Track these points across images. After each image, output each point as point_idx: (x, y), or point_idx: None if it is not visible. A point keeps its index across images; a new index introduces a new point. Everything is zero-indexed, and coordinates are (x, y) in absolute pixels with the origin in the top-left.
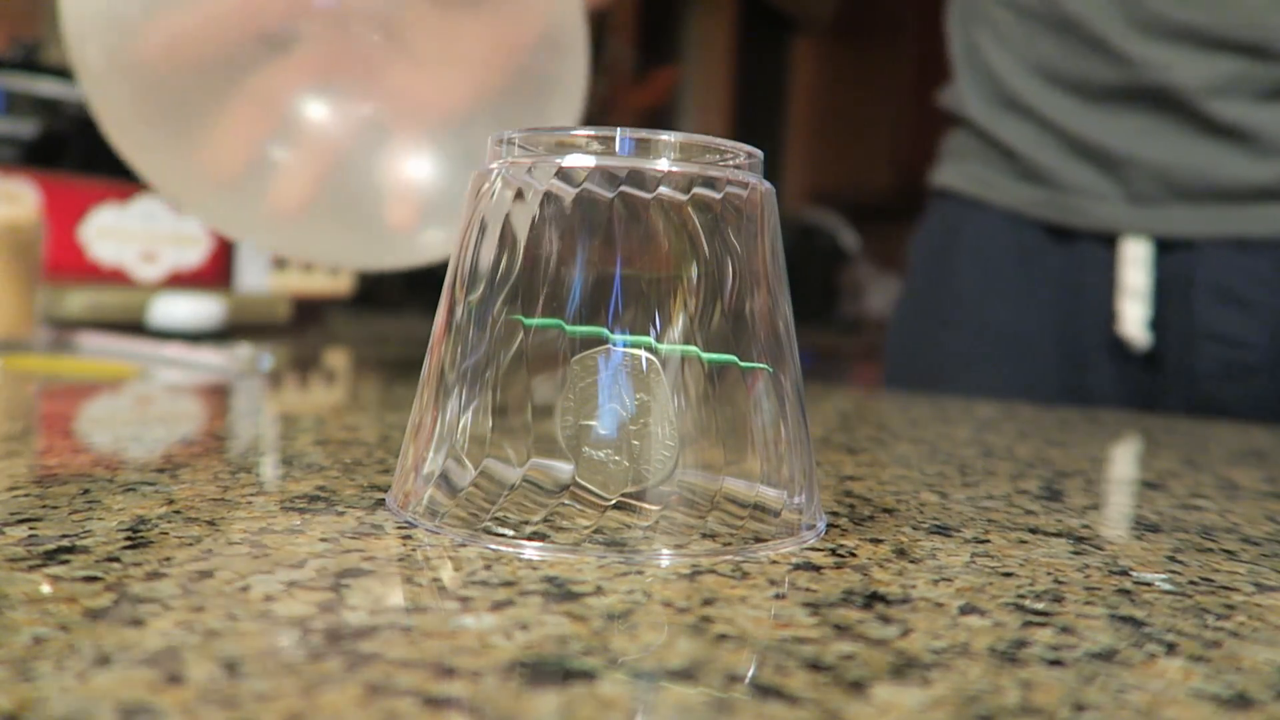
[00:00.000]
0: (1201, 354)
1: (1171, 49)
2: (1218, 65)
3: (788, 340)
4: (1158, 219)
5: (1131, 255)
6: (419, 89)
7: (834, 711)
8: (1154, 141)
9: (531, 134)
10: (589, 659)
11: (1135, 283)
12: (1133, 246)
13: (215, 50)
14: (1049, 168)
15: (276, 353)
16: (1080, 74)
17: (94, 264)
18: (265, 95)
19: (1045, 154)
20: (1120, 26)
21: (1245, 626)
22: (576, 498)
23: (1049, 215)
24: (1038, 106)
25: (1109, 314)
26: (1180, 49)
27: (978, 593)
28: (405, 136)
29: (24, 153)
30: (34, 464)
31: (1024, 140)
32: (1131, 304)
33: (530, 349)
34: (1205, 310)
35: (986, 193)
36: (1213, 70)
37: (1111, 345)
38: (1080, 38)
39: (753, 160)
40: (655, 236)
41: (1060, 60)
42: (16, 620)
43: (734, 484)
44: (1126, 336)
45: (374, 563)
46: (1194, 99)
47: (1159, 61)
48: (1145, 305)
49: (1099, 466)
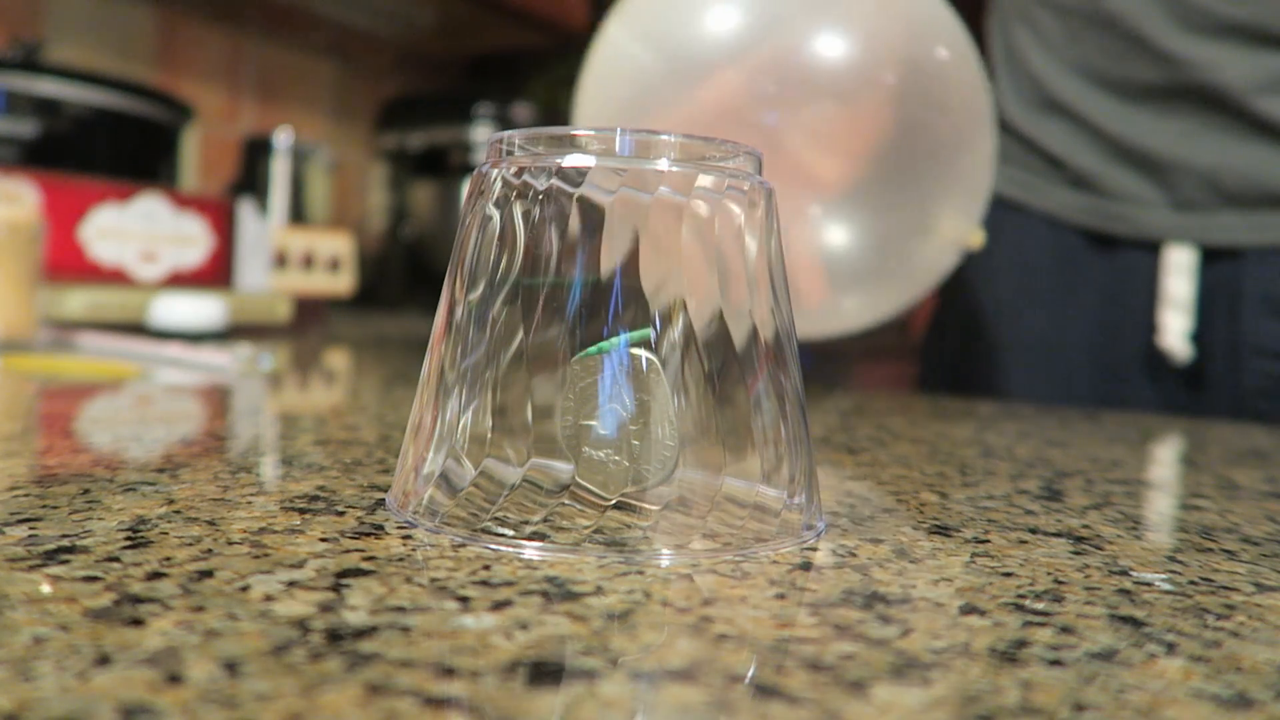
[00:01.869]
0: (1248, 368)
1: (1218, 46)
2: (1266, 62)
3: (788, 340)
4: (1204, 226)
5: (1175, 264)
6: (821, 170)
7: (834, 711)
8: (1201, 144)
9: (532, 134)
10: (589, 659)
11: (1178, 293)
12: (1176, 254)
13: None
14: (1091, 172)
15: (276, 353)
16: (1123, 74)
17: (94, 264)
18: None
19: (1087, 158)
20: (1164, 24)
21: (1245, 626)
22: (576, 498)
23: (1091, 222)
24: (1080, 108)
25: (1149, 325)
26: (1227, 46)
27: (978, 593)
28: (808, 216)
29: (24, 153)
30: (34, 464)
31: (1065, 144)
32: (1173, 315)
33: (530, 349)
34: (1252, 323)
35: (1027, 197)
36: (1261, 67)
37: (1151, 358)
38: (1123, 37)
39: (753, 160)
40: (655, 236)
41: (1103, 60)
42: (16, 620)
43: (734, 484)
44: (1167, 349)
45: (374, 563)
46: (1242, 98)
47: (1205, 60)
48: (1188, 317)
49: (1099, 466)
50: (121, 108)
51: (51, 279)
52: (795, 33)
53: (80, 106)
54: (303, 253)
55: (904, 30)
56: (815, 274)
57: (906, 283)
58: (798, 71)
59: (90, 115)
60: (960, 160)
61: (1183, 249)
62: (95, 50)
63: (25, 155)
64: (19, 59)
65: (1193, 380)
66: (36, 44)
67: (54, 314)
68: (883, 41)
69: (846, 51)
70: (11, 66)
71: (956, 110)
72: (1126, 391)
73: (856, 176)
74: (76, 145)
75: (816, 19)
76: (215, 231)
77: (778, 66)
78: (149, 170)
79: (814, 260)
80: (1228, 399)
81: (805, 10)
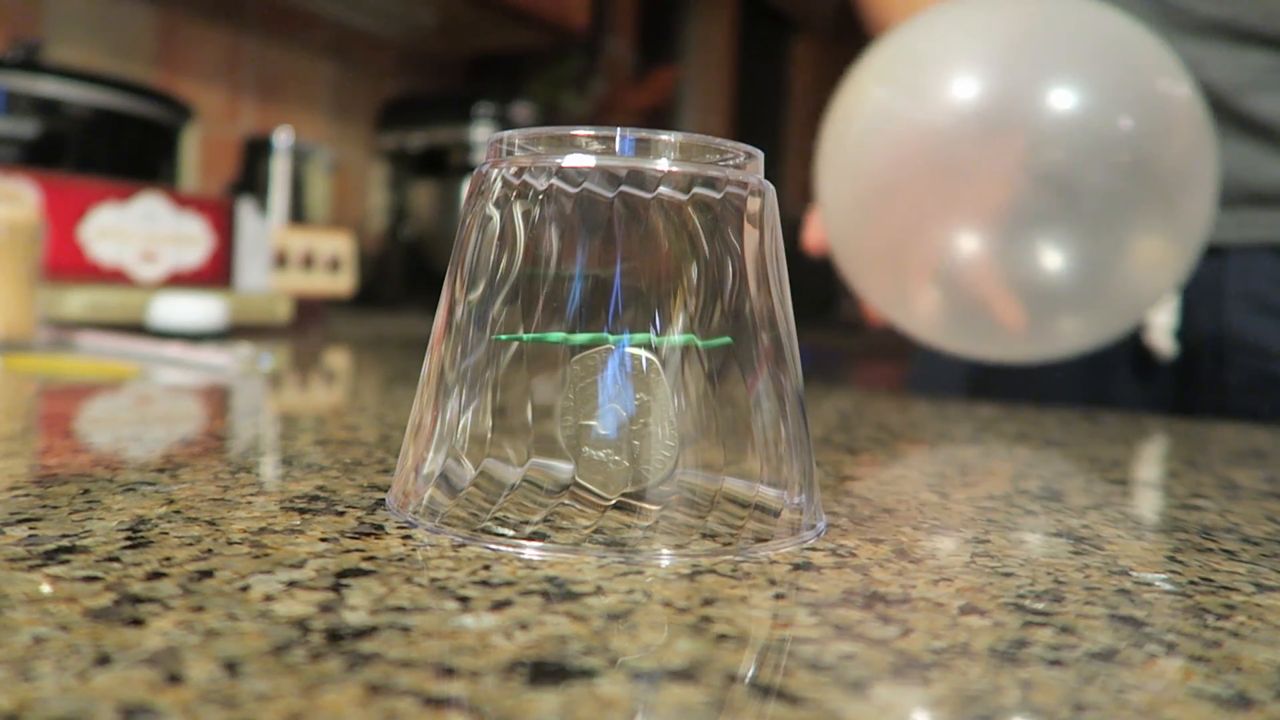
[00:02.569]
0: (1233, 365)
1: (1201, 45)
2: (1250, 60)
3: (788, 340)
4: None
5: None
6: (1021, 200)
7: (834, 711)
8: None
9: (532, 134)
10: (589, 659)
11: None
12: None
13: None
14: None
15: (276, 353)
16: None
17: (94, 264)
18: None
19: None
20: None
21: (1245, 626)
22: (576, 498)
23: None
24: None
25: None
26: (1210, 45)
27: (978, 593)
28: (1002, 244)
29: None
30: (34, 464)
31: None
32: (1159, 312)
33: (530, 349)
34: (1236, 319)
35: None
36: (1244, 65)
37: (1137, 355)
38: None
39: (753, 160)
40: (655, 236)
41: None
42: (16, 620)
43: (734, 484)
44: (1152, 346)
45: (374, 563)
46: (1226, 96)
47: (1189, 58)
48: (1172, 314)
49: (1099, 466)
50: (121, 108)
51: (51, 279)
52: (1030, 84)
53: (80, 106)
54: (303, 253)
55: (1134, 75)
56: (1009, 300)
57: (1119, 312)
58: (1030, 121)
59: (90, 115)
60: (1180, 199)
61: None
62: (95, 50)
63: (25, 155)
64: (19, 59)
65: (1178, 377)
66: (36, 44)
67: (54, 314)
68: (1114, 87)
69: (1081, 103)
70: (11, 66)
71: (1181, 150)
72: (1115, 388)
73: (1065, 208)
74: (76, 145)
75: (1048, 69)
76: (215, 231)
77: (1012, 117)
78: (149, 170)
79: (1005, 287)
80: (1213, 395)
81: (1038, 62)
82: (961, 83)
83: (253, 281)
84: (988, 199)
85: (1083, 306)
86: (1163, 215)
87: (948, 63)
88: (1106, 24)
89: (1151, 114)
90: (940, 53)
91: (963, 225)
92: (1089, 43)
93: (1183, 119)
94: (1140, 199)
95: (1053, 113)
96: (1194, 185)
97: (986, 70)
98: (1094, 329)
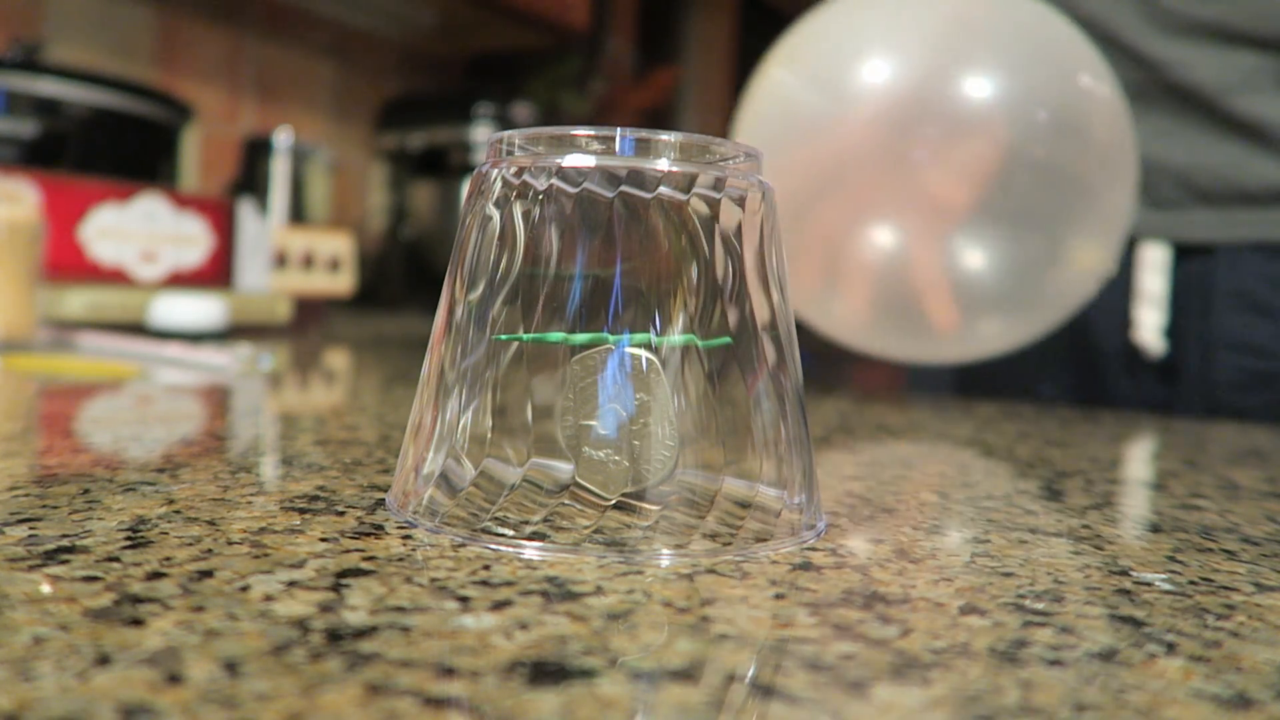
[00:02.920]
0: (1221, 363)
1: (1190, 46)
2: (1238, 60)
3: (788, 340)
4: (1177, 223)
5: (1149, 261)
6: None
7: (834, 711)
8: (1174, 143)
9: (532, 134)
10: (589, 659)
11: (1152, 289)
12: (1151, 252)
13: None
14: None
15: (276, 353)
16: None
17: (94, 264)
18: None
19: None
20: (1137, 25)
21: (1245, 626)
22: (576, 498)
23: None
24: None
25: (1125, 321)
26: (1199, 46)
27: (978, 593)
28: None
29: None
30: (34, 464)
31: None
32: (1148, 310)
33: (530, 349)
34: (1225, 318)
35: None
36: (1232, 66)
37: (1128, 353)
38: (1099, 38)
39: (753, 160)
40: (655, 236)
41: None
42: (16, 620)
43: (734, 484)
44: (1142, 344)
45: (374, 563)
46: (1214, 96)
47: (1177, 59)
48: (1162, 312)
49: (1099, 466)
50: (121, 108)
51: (51, 279)
52: (948, 75)
53: (80, 106)
54: (303, 253)
55: (1053, 69)
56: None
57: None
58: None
59: (90, 115)
60: (1101, 195)
61: (1157, 246)
62: (95, 50)
63: (25, 155)
64: (19, 59)
65: (1167, 374)
66: (36, 44)
67: (54, 314)
68: (1032, 80)
69: (997, 92)
70: (11, 66)
71: (1100, 145)
72: (1104, 386)
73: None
74: (76, 145)
75: (967, 60)
76: (215, 231)
77: (929, 107)
78: (149, 170)
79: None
80: (1200, 392)
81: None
82: (871, 74)
83: (253, 281)
84: (900, 194)
85: (1003, 305)
86: (1083, 213)
87: (858, 52)
88: (1025, 18)
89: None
90: (850, 42)
91: (875, 221)
92: (1007, 37)
93: (1102, 117)
94: (1059, 196)
95: (967, 107)
96: (1114, 184)
97: (898, 61)
98: (1017, 328)
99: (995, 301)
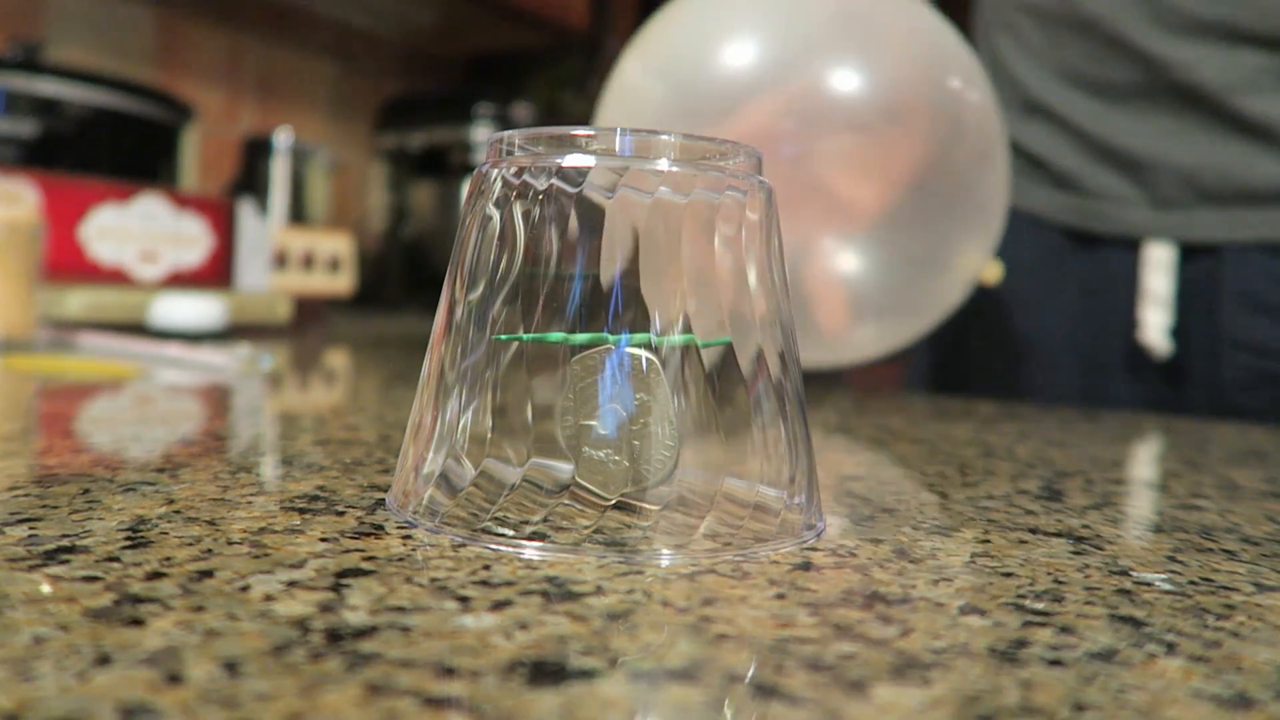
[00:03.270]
0: (1227, 363)
1: (1194, 45)
2: (1242, 59)
3: (788, 340)
4: (1182, 223)
5: (1155, 260)
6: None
7: (834, 711)
8: (1179, 142)
9: (532, 134)
10: (589, 659)
11: (1158, 289)
12: (1156, 251)
13: None
14: (1072, 172)
15: (276, 353)
16: (1103, 75)
17: (94, 264)
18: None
19: (1068, 158)
20: (1142, 25)
21: (1245, 626)
22: (576, 498)
23: (1072, 220)
24: (1060, 110)
25: (1130, 321)
26: (1203, 45)
27: (978, 593)
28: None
29: (24, 153)
30: (34, 464)
31: (1047, 145)
32: (1153, 311)
33: (530, 349)
34: (1231, 318)
35: (1010, 197)
36: (1237, 65)
37: (1133, 354)
38: (1102, 38)
39: (753, 160)
40: (655, 236)
41: (1082, 62)
42: (16, 620)
43: (734, 484)
44: (1147, 344)
45: (374, 563)
46: (1219, 96)
47: (1182, 59)
48: (1167, 312)
49: (1099, 466)
50: (121, 108)
51: (51, 279)
52: (814, 68)
53: (80, 106)
54: (303, 253)
55: (922, 64)
56: (837, 303)
57: (917, 316)
58: (816, 106)
59: (90, 115)
60: (974, 192)
61: (1162, 246)
62: (95, 50)
63: (25, 155)
64: (19, 59)
65: (1173, 375)
66: (36, 44)
67: (54, 314)
68: (901, 75)
69: (865, 85)
70: (11, 66)
71: (971, 142)
72: (1110, 387)
73: (877, 209)
74: (76, 145)
75: (836, 54)
76: (215, 231)
77: (797, 101)
78: (149, 170)
79: (837, 290)
80: (1207, 393)
81: (825, 45)
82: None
83: (253, 281)
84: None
85: (880, 309)
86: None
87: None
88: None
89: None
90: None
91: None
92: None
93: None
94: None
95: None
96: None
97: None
98: (886, 334)
99: (872, 305)
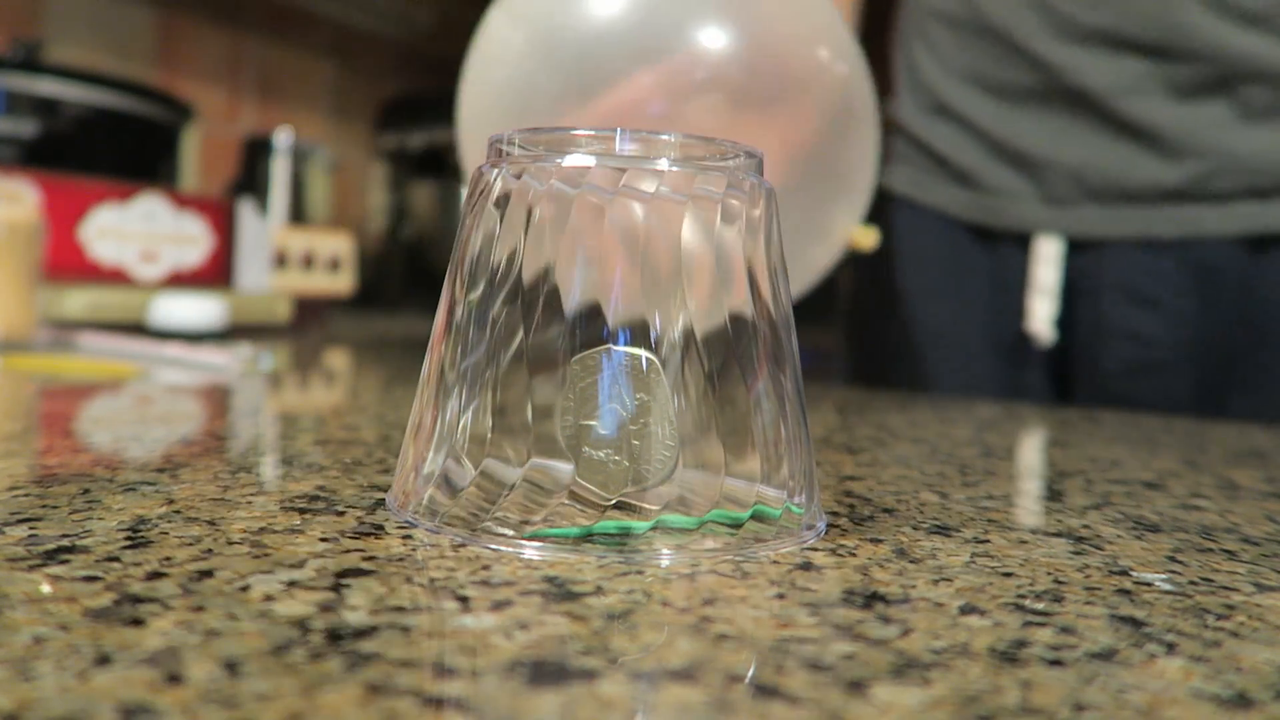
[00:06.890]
0: (1109, 352)
1: (1083, 51)
2: (1125, 65)
3: (788, 340)
4: (1070, 219)
5: (1043, 254)
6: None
7: (834, 711)
8: (1069, 143)
9: (532, 134)
10: (589, 659)
11: (1045, 280)
12: (1044, 245)
13: None
14: (972, 170)
15: (276, 353)
16: (1003, 79)
17: (94, 264)
18: None
19: (969, 157)
20: (1038, 31)
21: (1245, 626)
22: (576, 498)
23: (973, 216)
24: (964, 111)
25: (1019, 311)
26: (1091, 51)
27: (978, 593)
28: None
29: (24, 153)
30: (34, 464)
31: (951, 144)
32: (1040, 301)
33: (530, 349)
34: (1113, 309)
35: (918, 194)
36: (1121, 70)
37: (1021, 342)
38: (1003, 44)
39: (753, 160)
40: (655, 236)
41: (985, 66)
42: (16, 620)
43: (734, 484)
44: (1032, 333)
45: (374, 563)
46: (1104, 99)
47: (1072, 64)
48: (1053, 303)
49: (1099, 466)
50: (121, 108)
51: (51, 279)
52: (684, 28)
53: (80, 106)
54: (303, 253)
55: (789, 30)
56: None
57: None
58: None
59: (90, 115)
60: (840, 159)
61: (1051, 240)
62: (95, 50)
63: (25, 155)
64: (19, 59)
65: (1056, 364)
66: (36, 44)
67: (54, 314)
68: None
69: (732, 49)
70: (11, 66)
71: (838, 111)
72: (1024, 374)
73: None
74: (76, 145)
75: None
76: (215, 231)
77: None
78: (149, 170)
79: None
80: (1090, 381)
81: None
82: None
83: (253, 281)
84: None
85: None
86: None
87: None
88: None
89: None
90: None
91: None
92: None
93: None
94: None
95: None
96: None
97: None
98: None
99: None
